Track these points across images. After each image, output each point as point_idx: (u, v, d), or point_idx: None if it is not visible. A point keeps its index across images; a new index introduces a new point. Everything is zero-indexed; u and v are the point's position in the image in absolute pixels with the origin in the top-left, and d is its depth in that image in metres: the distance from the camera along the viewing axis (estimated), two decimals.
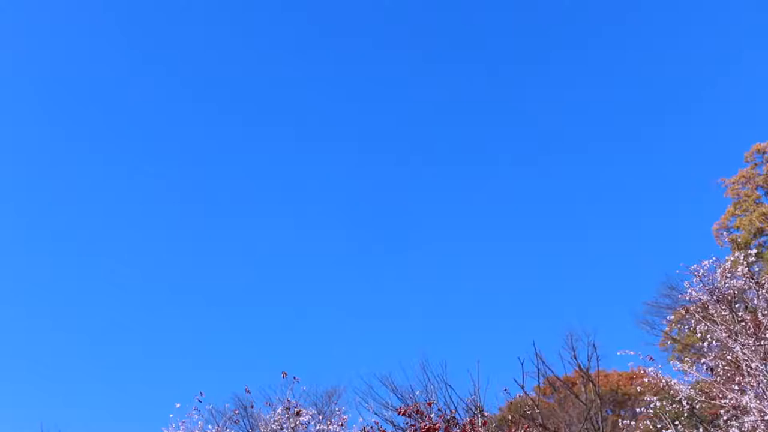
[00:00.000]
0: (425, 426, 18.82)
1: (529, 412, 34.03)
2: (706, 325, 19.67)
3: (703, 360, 20.57)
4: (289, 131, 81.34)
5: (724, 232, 46.72)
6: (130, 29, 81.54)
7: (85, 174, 78.86)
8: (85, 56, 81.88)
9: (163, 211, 78.17)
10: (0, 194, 72.03)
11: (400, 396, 32.24)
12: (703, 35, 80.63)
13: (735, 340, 18.64)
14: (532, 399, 37.62)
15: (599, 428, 39.34)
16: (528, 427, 22.17)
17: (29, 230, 74.79)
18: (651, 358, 20.22)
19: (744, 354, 18.18)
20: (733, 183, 47.64)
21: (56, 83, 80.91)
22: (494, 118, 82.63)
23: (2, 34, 76.04)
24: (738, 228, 46.09)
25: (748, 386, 18.17)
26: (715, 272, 20.06)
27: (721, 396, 18.81)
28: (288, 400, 23.13)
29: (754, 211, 45.35)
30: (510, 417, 35.16)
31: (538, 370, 38.83)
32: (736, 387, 18.59)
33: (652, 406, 20.12)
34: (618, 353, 20.49)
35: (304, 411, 23.43)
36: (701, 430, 20.18)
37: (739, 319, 19.32)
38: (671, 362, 21.65)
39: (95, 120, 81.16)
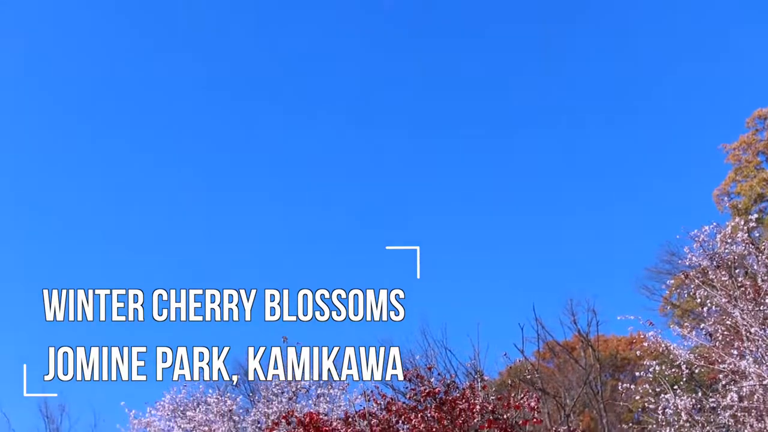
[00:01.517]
0: (425, 390, 18.90)
1: (528, 377, 34.24)
2: (705, 290, 19.72)
3: (702, 325, 20.68)
4: (339, 119, 79.75)
5: (725, 198, 46.64)
6: (142, 20, 79.75)
7: (95, 168, 77.41)
8: (97, 48, 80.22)
9: (191, 204, 76.43)
10: (8, 190, 70.73)
11: (400, 360, 32.41)
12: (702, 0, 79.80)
13: (734, 306, 18.71)
14: (531, 364, 37.88)
15: (598, 392, 39.64)
16: (528, 392, 22.28)
17: (33, 231, 73.87)
18: (651, 323, 20.30)
19: (743, 319, 18.25)
20: (734, 149, 47.47)
21: (69, 77, 79.35)
22: (492, 98, 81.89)
23: (7, 30, 74.43)
24: (738, 194, 46.03)
25: (747, 351, 18.27)
26: (715, 238, 20.07)
27: (720, 361, 18.91)
28: None
29: (754, 176, 45.25)
30: (510, 381, 35.42)
31: (538, 335, 39.13)
32: (735, 352, 18.68)
33: (651, 370, 20.25)
34: (618, 318, 20.60)
35: None
36: (700, 394, 20.30)
37: (739, 284, 19.37)
38: (671, 327, 21.81)
39: (106, 113, 79.72)
